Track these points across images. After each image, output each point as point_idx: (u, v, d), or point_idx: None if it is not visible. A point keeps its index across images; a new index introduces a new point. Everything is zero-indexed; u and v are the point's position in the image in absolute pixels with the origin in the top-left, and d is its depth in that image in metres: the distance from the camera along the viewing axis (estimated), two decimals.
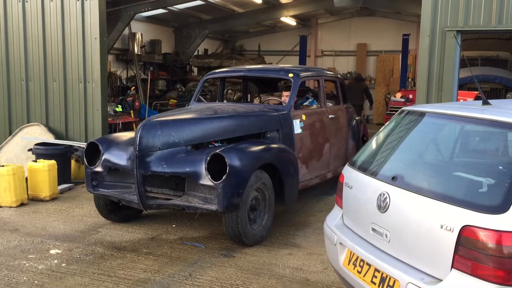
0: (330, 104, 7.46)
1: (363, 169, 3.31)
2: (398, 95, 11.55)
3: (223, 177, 4.65)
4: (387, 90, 18.11)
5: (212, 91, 14.12)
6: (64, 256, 4.75)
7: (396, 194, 2.84)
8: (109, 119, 9.29)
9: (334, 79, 7.87)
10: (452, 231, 2.42)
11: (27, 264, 4.53)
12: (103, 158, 5.36)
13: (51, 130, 8.28)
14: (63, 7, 8.12)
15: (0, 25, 8.47)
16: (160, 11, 15.03)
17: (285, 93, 6.93)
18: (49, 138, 8.05)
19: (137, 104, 10.92)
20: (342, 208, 3.50)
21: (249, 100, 8.90)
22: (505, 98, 11.09)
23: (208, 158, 4.78)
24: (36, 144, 7.55)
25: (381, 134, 3.53)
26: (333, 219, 3.53)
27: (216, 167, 4.74)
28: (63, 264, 4.55)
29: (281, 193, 5.49)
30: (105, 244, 5.08)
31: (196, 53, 18.05)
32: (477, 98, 9.42)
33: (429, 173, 2.97)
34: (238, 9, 16.85)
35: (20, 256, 4.72)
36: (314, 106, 7.15)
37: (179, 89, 15.03)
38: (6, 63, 8.52)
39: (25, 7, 8.31)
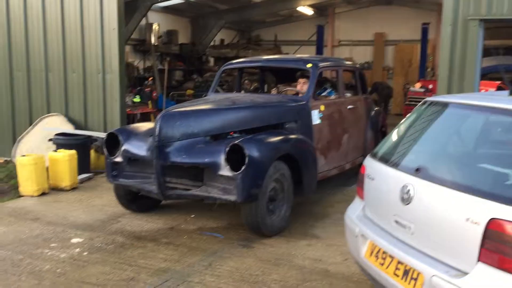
0: (348, 94, 7.39)
1: (385, 160, 3.28)
2: (418, 85, 11.40)
3: (242, 168, 4.65)
4: (406, 80, 17.88)
5: (229, 81, 14.11)
6: (85, 245, 4.82)
7: (420, 186, 2.80)
8: (128, 110, 9.33)
9: (353, 69, 7.79)
10: (479, 224, 2.38)
11: (49, 253, 4.60)
12: (122, 148, 5.40)
13: (70, 120, 8.36)
14: None
15: (20, 17, 8.54)
16: (177, 1, 15.03)
17: (301, 80, 6.83)
18: (69, 128, 8.13)
19: (154, 94, 10.95)
20: (363, 199, 3.47)
21: (266, 90, 8.86)
22: None
23: (227, 149, 4.77)
24: (56, 134, 7.63)
25: (404, 125, 3.48)
26: (354, 211, 3.51)
27: (235, 158, 4.74)
28: (85, 253, 4.61)
29: (299, 184, 5.47)
30: (125, 234, 5.13)
31: (212, 43, 18.03)
32: (498, 88, 9.24)
33: (453, 165, 2.92)
34: None
35: (43, 245, 4.79)
36: (333, 96, 7.09)
37: (196, 80, 15.04)
38: (26, 54, 8.59)
39: None
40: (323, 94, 7.26)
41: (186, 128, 5.10)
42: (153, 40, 14.71)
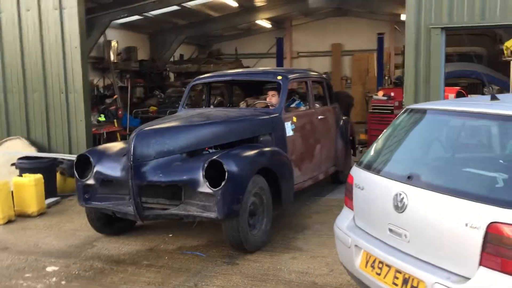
0: (317, 105, 7.45)
1: (374, 169, 3.28)
2: (380, 93, 11.65)
3: (222, 184, 4.57)
4: (364, 89, 18.25)
5: (192, 96, 13.96)
6: (62, 273, 4.59)
7: (414, 194, 2.82)
8: (93, 129, 9.06)
9: (320, 80, 7.87)
10: (479, 229, 2.41)
11: (24, 284, 4.36)
12: (95, 170, 5.22)
13: (33, 143, 8.05)
14: (40, 17, 7.91)
15: None
16: (135, 17, 14.81)
17: (270, 93, 6.85)
18: (31, 152, 7.82)
19: (120, 112, 10.71)
20: (353, 209, 3.46)
21: (232, 104, 8.81)
22: (482, 93, 11.32)
23: (206, 165, 4.69)
24: (20, 158, 7.31)
25: (388, 133, 3.51)
26: (344, 221, 3.49)
27: (213, 174, 4.66)
28: (63, 282, 4.39)
29: (277, 196, 5.43)
30: (103, 258, 4.93)
31: (172, 59, 17.86)
32: (458, 94, 9.56)
33: (445, 171, 2.96)
34: (214, 13, 16.75)
35: (16, 276, 4.54)
36: (302, 107, 7.13)
37: (159, 96, 14.83)
38: None
39: (1, 18, 8.07)
40: (292, 105, 7.29)
41: (162, 146, 4.98)
42: (112, 57, 14.42)
